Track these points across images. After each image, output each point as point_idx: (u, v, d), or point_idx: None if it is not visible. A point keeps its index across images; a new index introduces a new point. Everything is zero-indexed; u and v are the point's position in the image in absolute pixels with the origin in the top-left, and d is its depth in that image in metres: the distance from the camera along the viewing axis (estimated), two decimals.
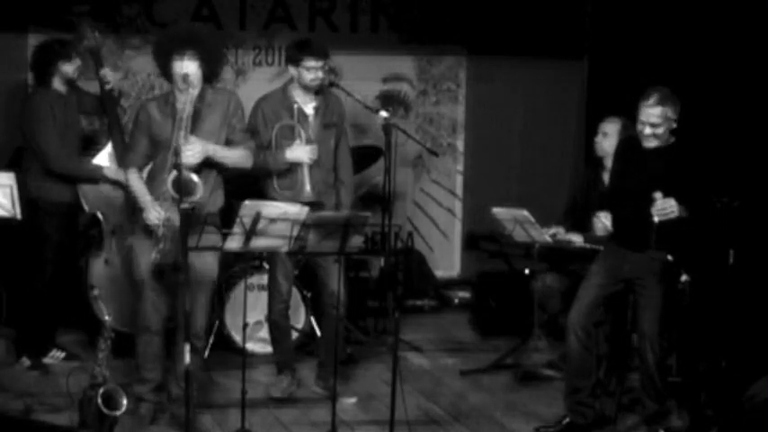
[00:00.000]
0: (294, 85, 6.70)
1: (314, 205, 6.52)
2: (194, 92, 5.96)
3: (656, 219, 5.94)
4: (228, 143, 6.12)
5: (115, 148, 7.19)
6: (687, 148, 6.11)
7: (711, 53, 8.12)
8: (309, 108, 6.72)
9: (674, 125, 6.08)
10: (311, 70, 6.59)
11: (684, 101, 6.25)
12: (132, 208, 6.27)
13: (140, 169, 6.17)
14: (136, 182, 6.12)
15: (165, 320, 6.17)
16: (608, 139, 7.02)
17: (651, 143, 6.09)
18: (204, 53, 6.00)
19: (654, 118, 6.02)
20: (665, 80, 6.21)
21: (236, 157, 6.14)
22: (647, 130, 6.05)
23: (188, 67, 5.95)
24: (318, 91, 6.72)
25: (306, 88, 6.66)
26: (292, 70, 6.66)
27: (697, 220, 6.01)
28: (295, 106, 6.66)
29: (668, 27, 8.54)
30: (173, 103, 6.07)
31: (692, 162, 6.06)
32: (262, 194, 6.67)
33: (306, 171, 6.63)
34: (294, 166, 6.64)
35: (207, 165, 6.03)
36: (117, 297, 6.89)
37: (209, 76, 6.10)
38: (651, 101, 6.01)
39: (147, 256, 6.03)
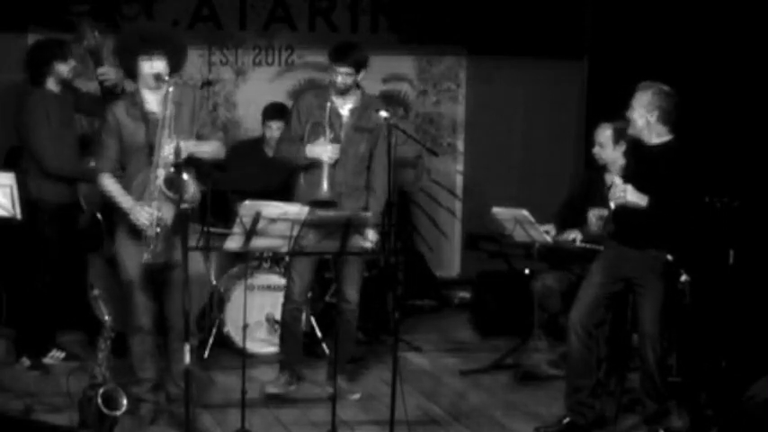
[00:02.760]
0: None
1: (330, 205, 6.53)
2: (171, 89, 5.93)
3: (611, 203, 5.99)
4: (199, 137, 6.12)
5: None
6: (680, 148, 6.11)
7: (712, 53, 8.12)
8: (345, 109, 6.72)
9: (651, 119, 6.06)
10: (335, 73, 6.63)
11: (685, 101, 6.25)
12: (113, 211, 6.22)
13: (112, 173, 6.10)
14: (112, 186, 6.04)
15: (157, 320, 6.16)
16: (604, 149, 7.03)
17: (629, 129, 6.17)
18: (169, 51, 6.00)
19: (633, 101, 6.09)
20: (665, 80, 6.21)
21: (211, 150, 6.12)
22: (628, 112, 6.12)
23: (158, 66, 5.95)
24: (353, 93, 6.73)
25: (335, 88, 6.69)
26: (329, 68, 6.71)
27: (666, 216, 6.00)
28: (328, 105, 6.67)
29: (668, 27, 8.55)
30: (141, 103, 6.05)
31: (680, 161, 6.06)
32: (273, 191, 6.75)
33: (325, 170, 6.63)
34: (317, 164, 6.66)
35: (186, 162, 6.00)
36: (116, 297, 6.88)
37: (172, 71, 6.05)
38: (638, 86, 6.11)
39: (133, 258, 6.00)
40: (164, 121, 5.91)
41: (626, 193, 5.95)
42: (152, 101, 6.02)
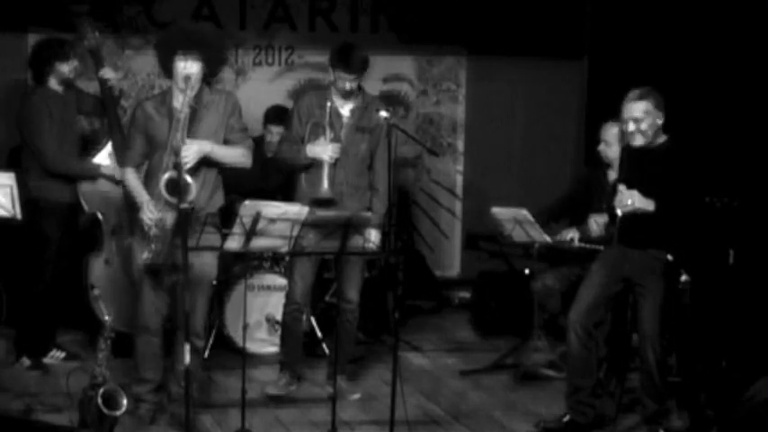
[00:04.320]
0: (334, 85, 6.74)
1: (330, 203, 6.54)
2: (192, 93, 5.94)
3: (618, 211, 5.97)
4: (227, 143, 6.12)
5: (115, 147, 7.18)
6: (679, 148, 6.11)
7: (711, 53, 8.12)
8: (345, 109, 6.73)
9: (660, 121, 6.07)
10: (340, 80, 6.64)
11: (684, 101, 6.25)
12: (131, 207, 6.27)
13: (137, 168, 6.16)
14: (133, 181, 6.10)
15: (164, 320, 6.17)
16: (610, 147, 7.01)
17: (638, 141, 6.10)
18: (208, 54, 6.00)
19: (636, 113, 6.04)
20: (664, 80, 6.22)
21: (234, 155, 6.12)
22: (631, 126, 6.07)
23: (191, 68, 5.94)
24: (358, 94, 6.73)
25: (339, 91, 6.70)
26: (330, 72, 6.70)
27: (674, 217, 6.00)
28: (328, 105, 6.67)
29: (668, 27, 8.55)
30: (170, 101, 6.06)
31: (680, 162, 6.06)
32: (272, 191, 6.78)
33: (326, 169, 6.64)
34: (317, 164, 6.66)
35: (206, 164, 6.03)
36: (117, 297, 6.89)
37: (209, 75, 6.10)
38: (632, 96, 6.06)
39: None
40: (177, 123, 5.91)
41: (634, 200, 5.94)
42: (181, 100, 6.01)
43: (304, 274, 6.78)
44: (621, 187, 6.01)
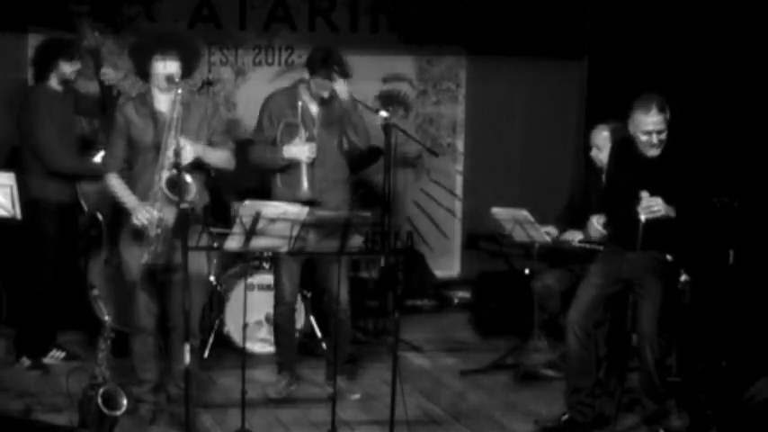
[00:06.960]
0: (304, 85, 6.72)
1: (312, 204, 6.54)
2: (180, 91, 5.95)
3: (642, 217, 5.96)
4: (210, 144, 6.13)
5: None
6: (682, 149, 6.11)
7: (710, 53, 8.13)
8: (314, 106, 6.73)
9: (664, 132, 6.08)
10: (320, 88, 6.63)
11: (684, 100, 6.25)
12: (118, 212, 6.24)
13: (119, 172, 6.11)
14: (118, 185, 6.08)
15: (159, 321, 6.17)
16: (602, 151, 7.01)
17: (655, 152, 6.08)
18: (184, 54, 6.04)
19: (660, 125, 6.03)
20: (664, 80, 6.21)
21: (221, 158, 6.15)
22: (655, 139, 6.04)
23: (171, 67, 5.97)
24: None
25: (314, 97, 6.69)
26: (306, 74, 6.68)
27: (688, 221, 6.01)
28: (299, 104, 6.67)
29: (667, 27, 8.55)
30: (151, 103, 6.07)
31: (685, 163, 6.06)
32: (266, 190, 6.74)
33: (304, 169, 6.64)
34: (294, 164, 6.66)
35: (194, 166, 6.02)
36: (117, 297, 6.88)
37: (185, 75, 6.10)
38: (654, 110, 5.99)
39: (135, 259, 6.02)
40: (171, 122, 5.93)
41: (660, 207, 5.93)
42: (162, 101, 6.04)
43: (291, 275, 6.79)
44: (644, 194, 5.98)
